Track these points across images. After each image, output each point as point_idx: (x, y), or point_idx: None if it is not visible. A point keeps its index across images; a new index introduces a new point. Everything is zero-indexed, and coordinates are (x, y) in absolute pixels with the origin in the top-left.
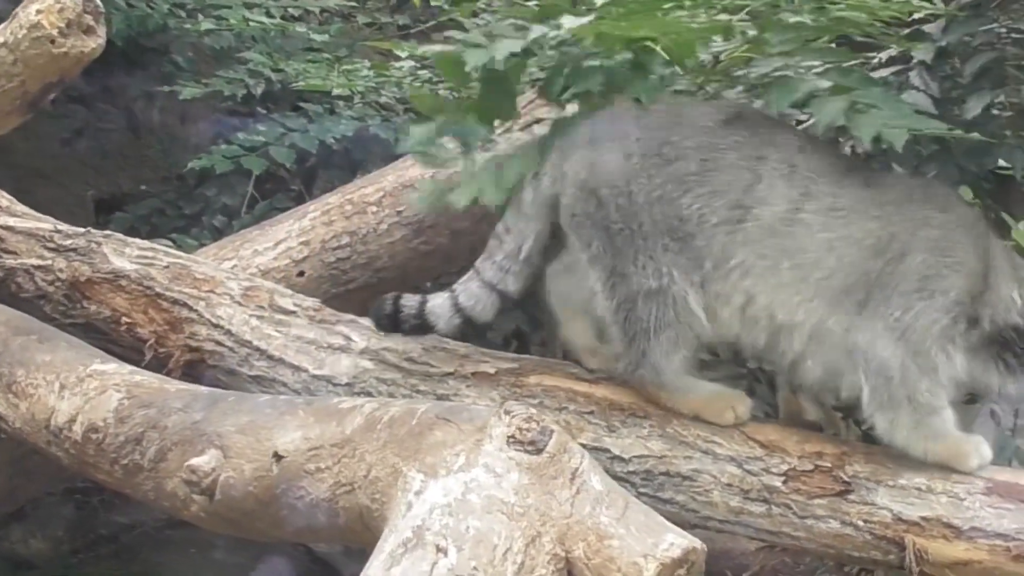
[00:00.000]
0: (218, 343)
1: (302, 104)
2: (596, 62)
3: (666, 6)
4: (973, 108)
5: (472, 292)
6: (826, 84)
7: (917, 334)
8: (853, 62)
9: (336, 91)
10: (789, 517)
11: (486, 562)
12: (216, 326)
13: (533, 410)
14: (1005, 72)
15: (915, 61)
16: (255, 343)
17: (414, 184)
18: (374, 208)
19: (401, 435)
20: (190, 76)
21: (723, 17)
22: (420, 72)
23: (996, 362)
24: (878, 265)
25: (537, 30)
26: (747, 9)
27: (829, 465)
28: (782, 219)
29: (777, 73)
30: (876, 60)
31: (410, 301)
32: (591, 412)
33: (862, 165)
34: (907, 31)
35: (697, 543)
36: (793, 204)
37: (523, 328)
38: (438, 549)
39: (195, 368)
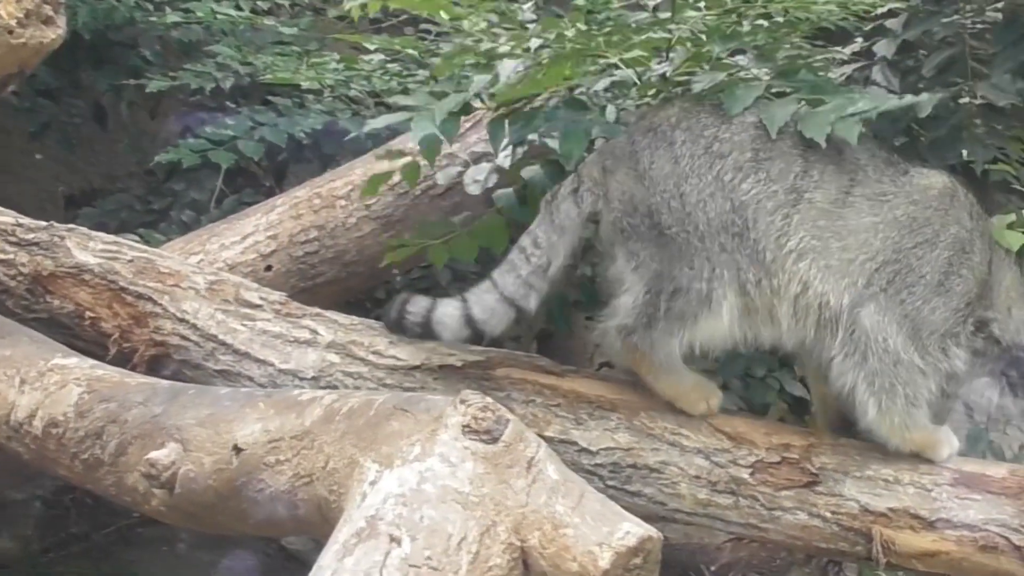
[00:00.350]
0: (183, 337)
1: (271, 98)
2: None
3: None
4: (926, 106)
5: (488, 305)
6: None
7: (928, 327)
8: (813, 59)
9: (305, 85)
10: (756, 509)
11: (440, 552)
12: (181, 320)
13: (489, 399)
14: (967, 66)
15: (877, 57)
16: (221, 337)
17: None
18: (343, 202)
19: (359, 426)
20: (158, 70)
21: (661, 35)
22: (390, 66)
23: (999, 377)
24: (910, 244)
25: (478, 82)
26: (699, 18)
27: (796, 457)
28: (834, 201)
29: (723, 81)
30: (839, 56)
31: (416, 306)
32: (558, 405)
33: (898, 156)
34: (870, 26)
35: (653, 532)
36: (843, 188)
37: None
38: (392, 539)
39: (160, 363)
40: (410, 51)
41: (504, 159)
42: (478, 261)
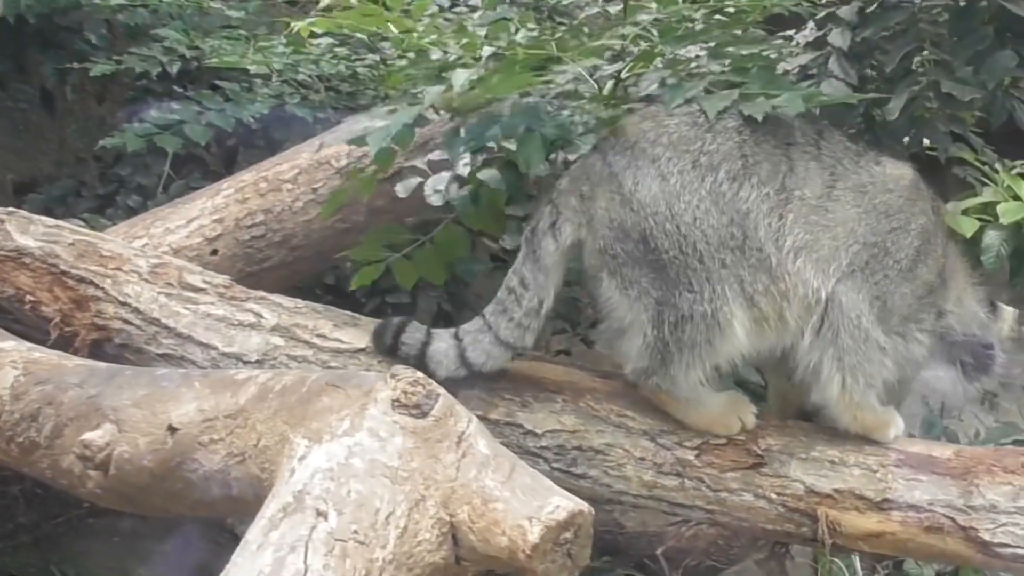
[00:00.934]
0: (125, 321)
1: (219, 82)
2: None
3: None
4: (894, 110)
5: (484, 349)
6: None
7: (896, 311)
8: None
9: (253, 69)
10: (702, 491)
11: (367, 526)
12: (123, 304)
13: (420, 374)
14: (923, 43)
15: (834, 48)
16: (163, 321)
17: (330, 161)
18: (289, 185)
19: (291, 403)
20: (104, 54)
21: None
22: (338, 50)
23: (956, 363)
24: (886, 229)
25: (431, 93)
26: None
27: (742, 439)
28: (820, 196)
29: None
30: (793, 46)
31: (412, 336)
32: (504, 387)
33: (868, 147)
34: (823, 12)
35: (584, 506)
36: (827, 183)
37: (446, 308)
38: (318, 513)
39: (102, 347)
40: (359, 35)
41: (463, 167)
42: None
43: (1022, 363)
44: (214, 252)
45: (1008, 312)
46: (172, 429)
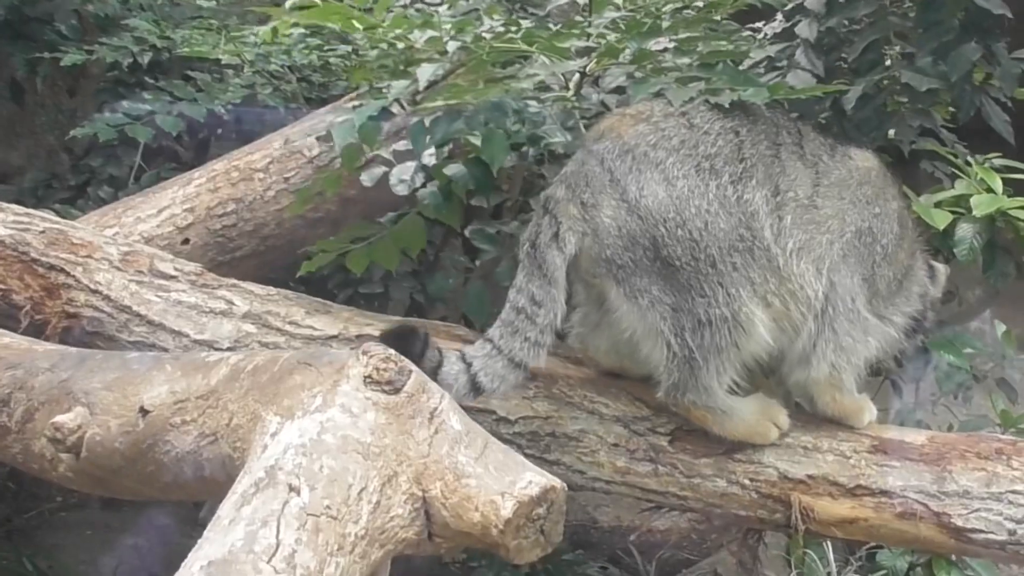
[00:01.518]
0: (96, 309)
1: (190, 73)
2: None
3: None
4: (851, 99)
5: (496, 372)
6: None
7: (880, 293)
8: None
9: (225, 59)
10: (675, 476)
11: (340, 501)
12: (94, 291)
13: (392, 351)
14: (891, 45)
15: (800, 39)
16: (135, 308)
17: (301, 151)
18: (261, 175)
19: (263, 382)
20: (75, 45)
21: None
22: (310, 40)
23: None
24: (871, 215)
25: (397, 87)
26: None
27: None
28: (811, 195)
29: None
30: (761, 36)
31: (431, 354)
32: None
33: (838, 142)
34: (790, 5)
35: (556, 482)
36: (814, 181)
37: (418, 299)
38: (290, 488)
39: (73, 334)
40: (330, 25)
41: (428, 158)
42: None
43: (994, 358)
44: (185, 241)
45: (942, 270)
46: (144, 411)
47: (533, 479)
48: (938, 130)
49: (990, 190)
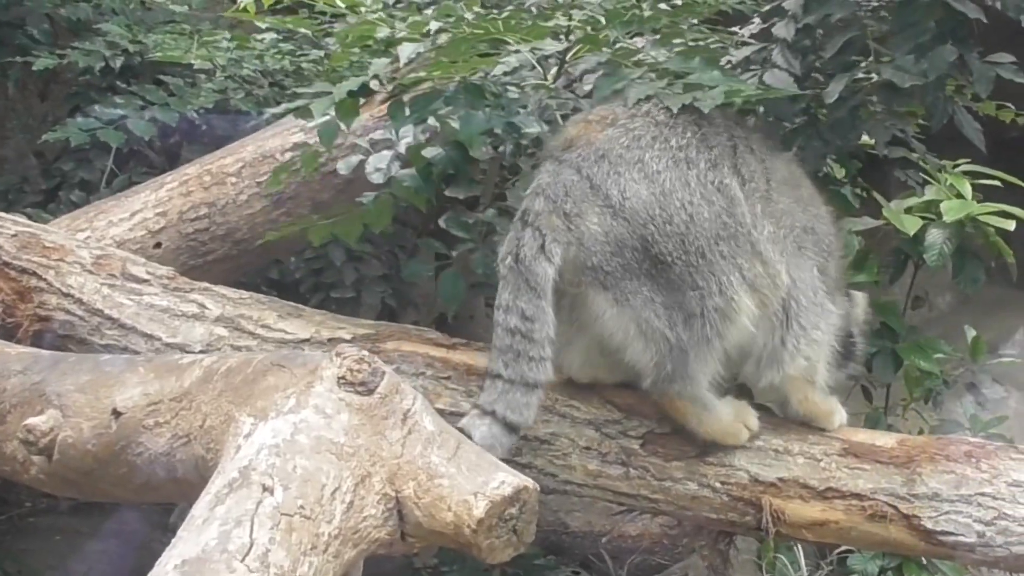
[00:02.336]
0: (68, 312)
1: (162, 77)
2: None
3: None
4: (832, 92)
5: (518, 403)
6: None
7: (832, 286)
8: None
9: (197, 64)
10: (647, 480)
11: (313, 501)
12: (66, 295)
13: (365, 352)
14: (867, 47)
15: (777, 39)
16: (107, 312)
17: (274, 155)
18: (233, 179)
19: (236, 383)
20: (46, 49)
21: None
22: (282, 45)
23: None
24: (814, 212)
25: (377, 64)
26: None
27: None
28: (767, 189)
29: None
30: (738, 38)
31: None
32: (448, 377)
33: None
34: (768, 6)
35: (529, 482)
36: (766, 175)
37: (390, 303)
38: (264, 488)
39: (45, 337)
40: (303, 30)
41: (404, 144)
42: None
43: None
44: (157, 245)
45: (861, 298)
46: (116, 413)
47: (506, 479)
48: (910, 139)
49: (960, 196)
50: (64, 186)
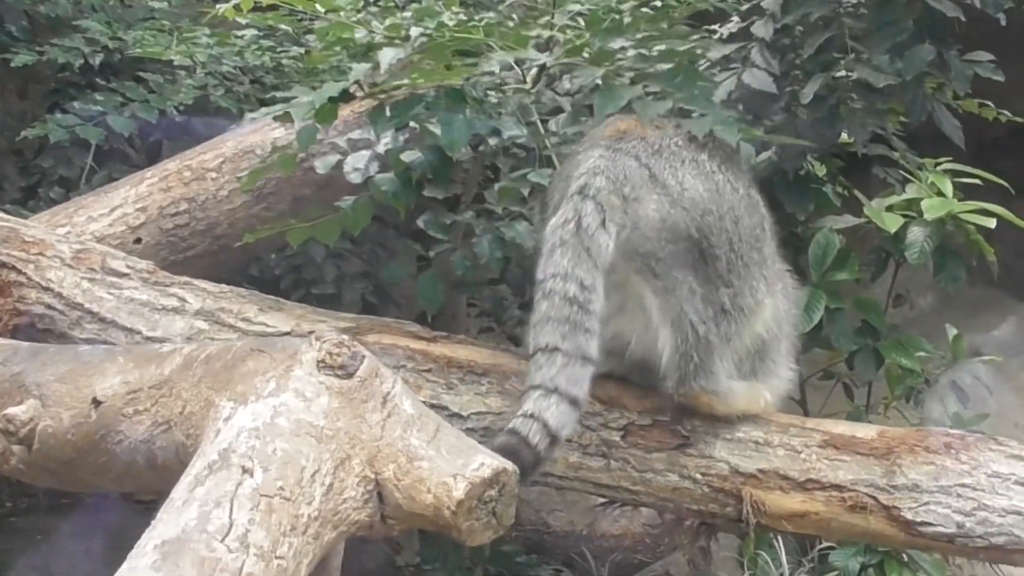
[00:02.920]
0: (48, 306)
1: (142, 74)
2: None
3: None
4: (808, 93)
5: (576, 377)
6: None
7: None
8: (692, 41)
9: (177, 61)
10: (628, 471)
11: (293, 483)
12: (46, 289)
13: (345, 336)
14: (845, 45)
15: (755, 38)
16: (87, 306)
17: (254, 150)
18: (214, 174)
19: (216, 369)
20: (25, 46)
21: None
22: (263, 41)
23: None
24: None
25: (358, 70)
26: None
27: (667, 419)
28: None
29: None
30: (717, 36)
31: (526, 426)
32: (429, 370)
33: None
34: (747, 5)
35: (508, 465)
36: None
37: (371, 300)
38: (244, 470)
39: (24, 332)
40: (283, 27)
41: (383, 146)
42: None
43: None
44: (137, 240)
45: None
46: (96, 402)
47: (485, 461)
48: (889, 137)
49: (941, 194)
50: (43, 183)
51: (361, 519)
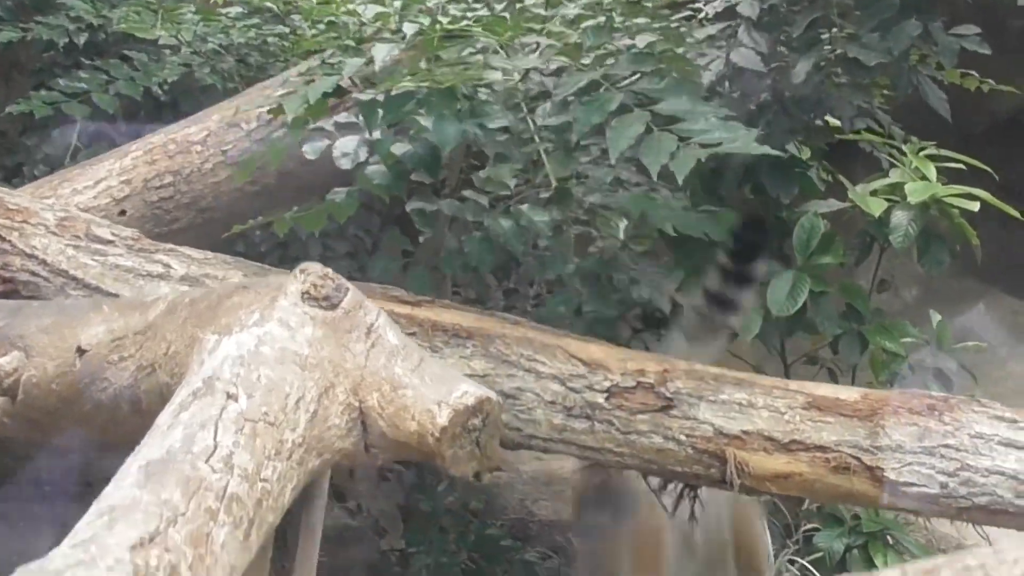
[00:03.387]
0: (33, 273)
1: (127, 53)
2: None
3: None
4: (800, 72)
5: None
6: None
7: None
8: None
9: (162, 39)
10: (612, 433)
11: (277, 409)
12: (31, 256)
13: (329, 269)
14: (832, 22)
15: (742, 17)
16: (71, 272)
17: (240, 124)
18: (199, 147)
19: (201, 309)
20: (8, 25)
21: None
22: (248, 20)
23: None
24: None
25: (351, 65)
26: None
27: (651, 382)
28: None
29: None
30: (702, 15)
31: None
32: (413, 333)
33: None
34: None
35: (492, 394)
36: None
37: (356, 277)
38: (228, 396)
39: (9, 299)
40: (268, 4)
41: (374, 135)
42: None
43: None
44: (122, 213)
45: None
46: (81, 351)
47: (469, 389)
48: (874, 110)
49: (924, 178)
50: (28, 162)
51: (345, 447)
